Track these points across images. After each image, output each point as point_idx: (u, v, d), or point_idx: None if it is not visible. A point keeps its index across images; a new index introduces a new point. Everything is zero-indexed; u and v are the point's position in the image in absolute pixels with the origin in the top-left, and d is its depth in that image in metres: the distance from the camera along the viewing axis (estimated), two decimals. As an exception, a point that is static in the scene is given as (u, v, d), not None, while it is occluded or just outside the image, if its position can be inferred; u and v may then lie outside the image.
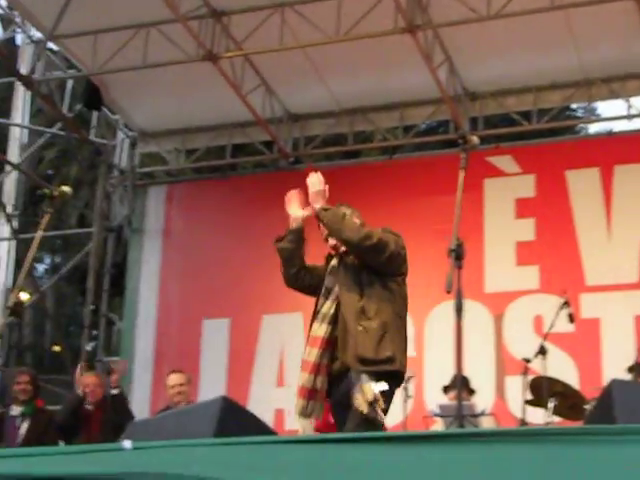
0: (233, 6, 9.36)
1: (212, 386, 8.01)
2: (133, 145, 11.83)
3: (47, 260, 20.57)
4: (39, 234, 5.53)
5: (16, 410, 7.49)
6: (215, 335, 10.59)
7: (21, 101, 12.41)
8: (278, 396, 9.83)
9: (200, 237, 11.15)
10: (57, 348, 20.14)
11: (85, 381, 7.70)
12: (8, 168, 12.28)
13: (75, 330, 21.44)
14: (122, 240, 12.23)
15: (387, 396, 4.79)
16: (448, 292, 4.16)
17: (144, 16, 9.38)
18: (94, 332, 11.93)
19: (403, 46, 9.16)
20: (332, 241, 5.13)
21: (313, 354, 4.96)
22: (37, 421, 7.56)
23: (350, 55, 9.63)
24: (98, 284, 11.45)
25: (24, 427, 7.47)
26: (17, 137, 12.74)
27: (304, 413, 4.95)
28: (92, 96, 10.19)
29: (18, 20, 10.45)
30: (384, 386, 4.74)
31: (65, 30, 9.52)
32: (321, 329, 4.98)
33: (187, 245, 11.21)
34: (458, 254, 4.26)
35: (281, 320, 10.35)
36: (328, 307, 5.03)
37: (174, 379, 7.52)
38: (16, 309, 5.27)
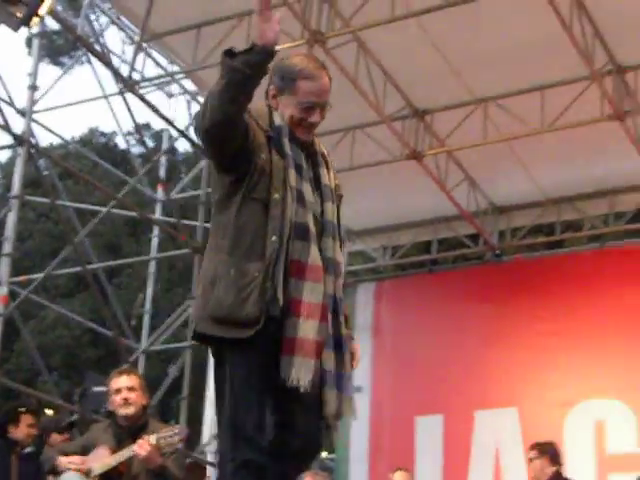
0: (436, 104, 9.51)
1: (429, 484, 7.93)
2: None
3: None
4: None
5: None
6: (429, 432, 10.49)
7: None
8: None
9: (408, 333, 11.16)
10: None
11: None
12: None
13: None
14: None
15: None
16: None
17: (350, 119, 9.61)
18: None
19: (610, 133, 9.01)
20: None
21: None
22: None
23: (555, 145, 9.54)
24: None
25: None
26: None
27: None
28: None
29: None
30: None
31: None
32: None
33: (396, 342, 11.22)
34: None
35: (495, 415, 10.18)
36: None
37: (398, 477, 7.49)
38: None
